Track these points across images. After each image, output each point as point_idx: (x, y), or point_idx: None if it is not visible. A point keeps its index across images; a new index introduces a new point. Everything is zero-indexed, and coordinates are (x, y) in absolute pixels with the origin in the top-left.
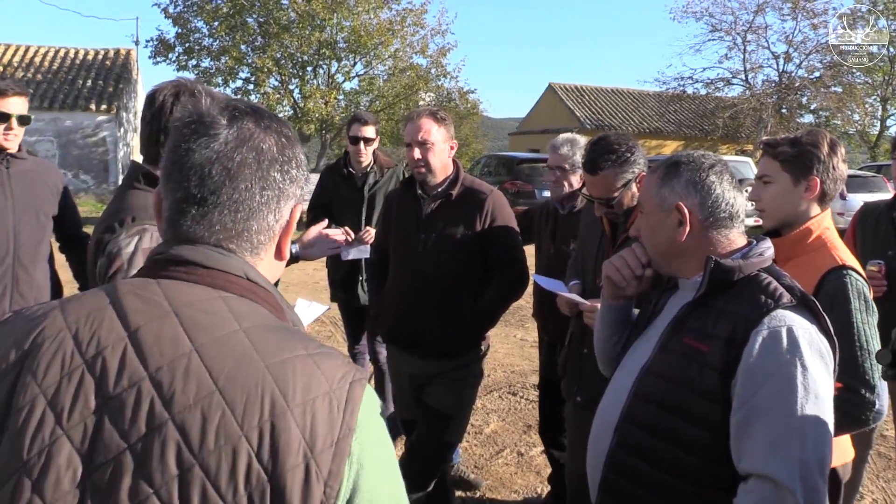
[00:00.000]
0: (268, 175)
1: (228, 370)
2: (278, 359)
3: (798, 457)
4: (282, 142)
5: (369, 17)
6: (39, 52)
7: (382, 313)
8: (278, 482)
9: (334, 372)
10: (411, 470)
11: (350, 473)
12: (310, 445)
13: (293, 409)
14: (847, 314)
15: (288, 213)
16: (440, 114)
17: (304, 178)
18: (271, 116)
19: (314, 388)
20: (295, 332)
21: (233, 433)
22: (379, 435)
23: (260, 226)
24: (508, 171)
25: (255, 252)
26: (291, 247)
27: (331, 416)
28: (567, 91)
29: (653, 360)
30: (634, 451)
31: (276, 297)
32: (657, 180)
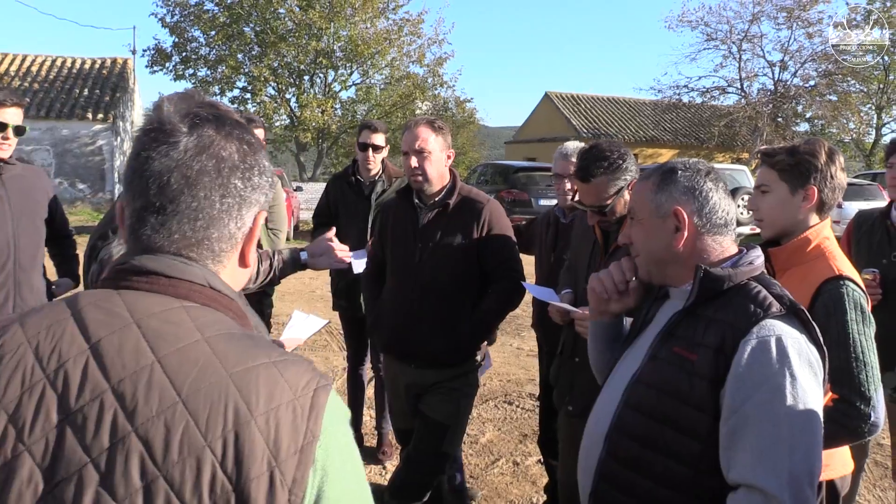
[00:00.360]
0: (228, 183)
1: (191, 381)
2: (241, 367)
3: (787, 467)
4: (244, 149)
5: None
6: (36, 61)
7: (379, 323)
8: (243, 491)
9: (298, 379)
10: (407, 480)
11: (314, 480)
12: (274, 454)
13: (256, 418)
14: (843, 325)
15: (251, 220)
16: (437, 123)
17: (267, 185)
18: (234, 123)
19: (277, 396)
20: (259, 340)
21: (196, 443)
22: (344, 441)
23: (221, 234)
24: (504, 179)
25: (217, 260)
26: (300, 254)
27: (294, 423)
28: (563, 100)
29: (642, 370)
30: (624, 460)
31: (239, 304)
32: (652, 186)
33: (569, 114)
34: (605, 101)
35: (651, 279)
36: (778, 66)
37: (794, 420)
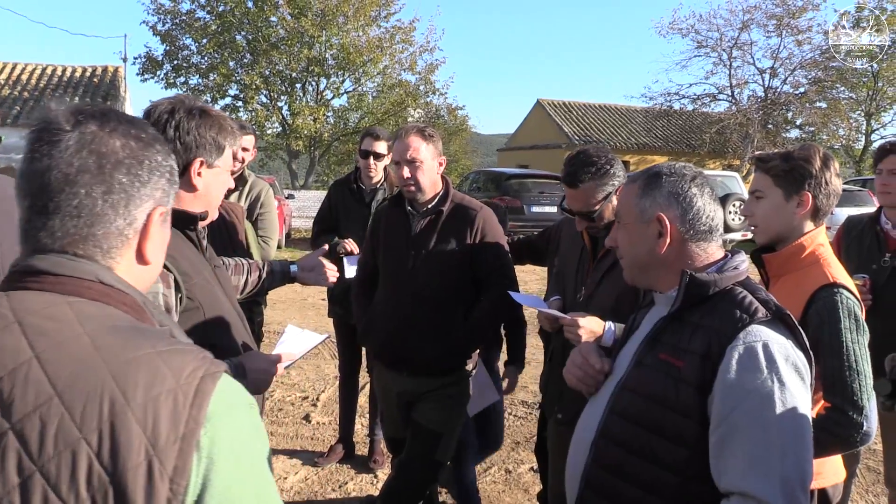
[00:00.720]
0: (111, 179)
1: (68, 375)
2: (122, 359)
3: (779, 473)
4: (130, 144)
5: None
6: (27, 69)
7: (371, 330)
8: (120, 482)
9: (183, 367)
10: (399, 489)
11: (199, 468)
12: (152, 442)
13: (133, 408)
14: (837, 333)
15: (143, 216)
16: (428, 131)
17: (164, 180)
18: (121, 118)
19: (158, 384)
20: (146, 332)
21: (71, 437)
22: (238, 428)
23: (107, 230)
24: (496, 186)
25: (108, 256)
26: (290, 267)
27: (175, 411)
28: (555, 107)
29: (628, 376)
30: (610, 468)
31: (135, 298)
32: (637, 191)
33: (560, 121)
34: (596, 109)
35: (636, 283)
36: (768, 74)
37: (784, 426)
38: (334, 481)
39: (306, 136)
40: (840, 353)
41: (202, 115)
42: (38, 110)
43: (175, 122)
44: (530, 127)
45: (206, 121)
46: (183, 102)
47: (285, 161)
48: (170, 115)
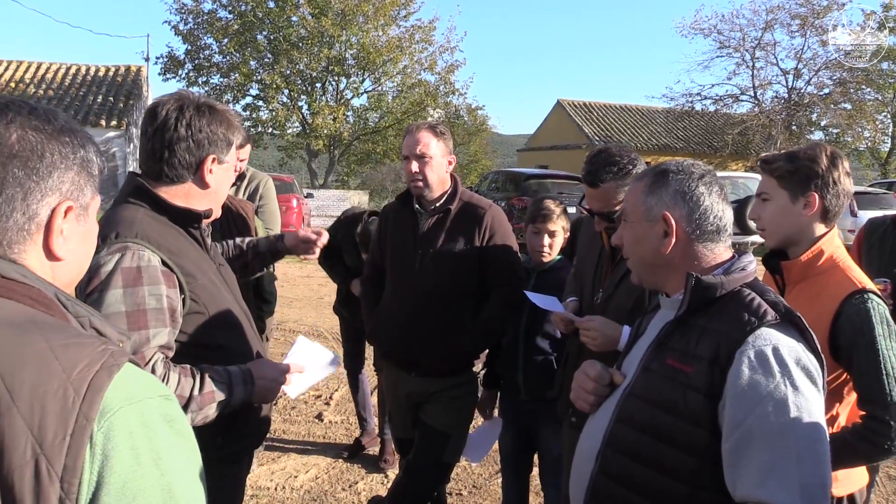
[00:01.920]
0: (5, 172)
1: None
2: (10, 354)
3: (798, 480)
4: (28, 136)
5: (378, 34)
6: (51, 68)
7: (378, 331)
8: (5, 483)
9: (76, 362)
10: (407, 490)
11: (92, 466)
12: (38, 441)
13: (20, 405)
14: (872, 341)
15: (45, 211)
16: (439, 128)
17: (72, 173)
18: (21, 109)
19: (46, 381)
20: (45, 325)
21: None
22: (140, 422)
23: (4, 225)
24: (516, 186)
25: (10, 251)
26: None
27: (64, 407)
28: (575, 107)
29: (635, 383)
30: (617, 478)
31: (44, 291)
32: (644, 188)
33: (581, 121)
34: (617, 109)
35: (643, 283)
36: (792, 74)
37: (799, 431)
38: (344, 480)
39: (326, 135)
40: (877, 361)
41: (212, 111)
42: None
43: (186, 120)
44: (550, 127)
45: (216, 117)
46: (189, 99)
47: (305, 160)
48: (179, 112)
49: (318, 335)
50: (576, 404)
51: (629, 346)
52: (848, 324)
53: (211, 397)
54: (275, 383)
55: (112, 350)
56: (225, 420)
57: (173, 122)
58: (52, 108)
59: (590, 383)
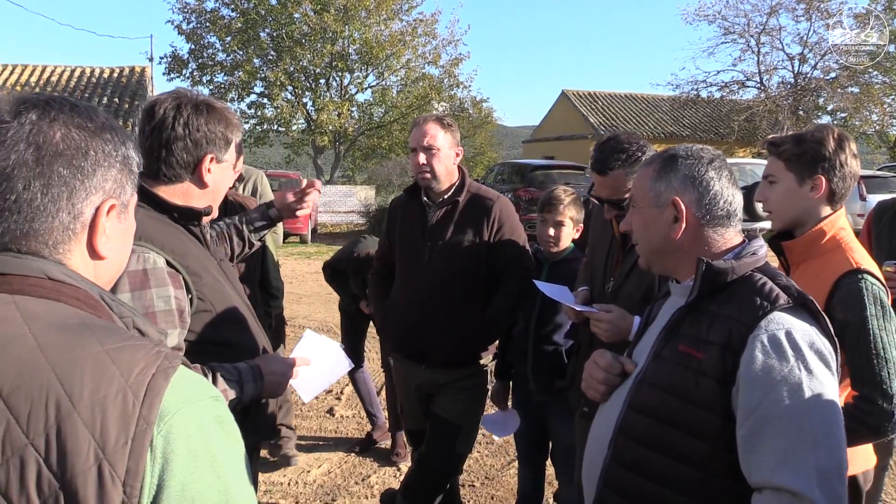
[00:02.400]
0: (50, 171)
1: (12, 378)
2: (67, 358)
3: (814, 465)
4: (72, 134)
5: (381, 29)
6: (56, 71)
7: (388, 323)
8: (69, 488)
9: (132, 365)
10: (420, 483)
11: (153, 470)
12: (101, 446)
13: (80, 410)
14: (863, 321)
15: (90, 210)
16: (446, 120)
17: (114, 171)
18: (63, 106)
19: (105, 385)
20: (97, 328)
21: (19, 442)
22: (196, 424)
23: (50, 225)
24: (522, 178)
25: (55, 251)
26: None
27: (124, 412)
28: (580, 97)
29: (646, 370)
30: (630, 465)
31: (90, 292)
32: (652, 173)
33: (586, 111)
34: (622, 98)
35: (653, 270)
36: (798, 59)
37: (814, 415)
38: (357, 474)
39: (331, 131)
40: (867, 341)
41: (209, 109)
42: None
43: (184, 118)
44: (556, 118)
45: (213, 115)
46: (187, 97)
47: (311, 157)
48: (177, 111)
49: (327, 330)
50: (587, 394)
51: (640, 334)
52: (840, 303)
53: (224, 396)
54: (283, 377)
55: (165, 352)
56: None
57: (171, 121)
58: (92, 105)
59: (601, 373)
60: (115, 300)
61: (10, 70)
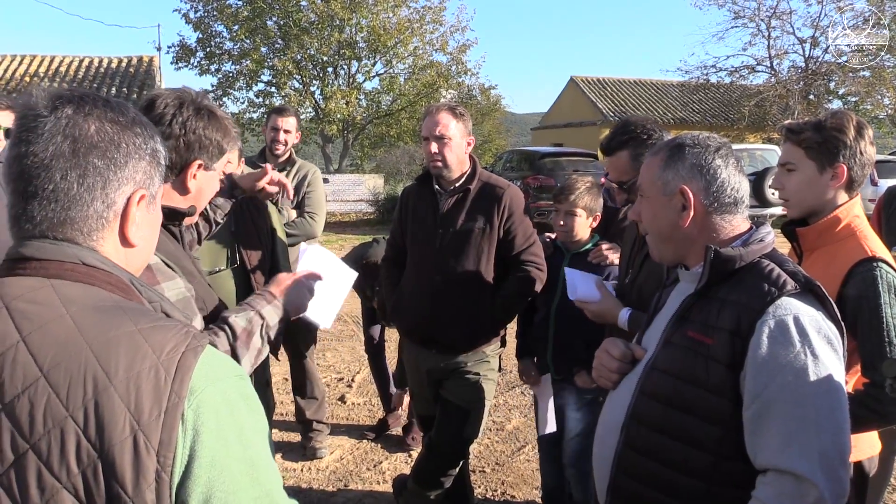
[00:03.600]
0: (86, 162)
1: (53, 355)
2: (103, 338)
3: (817, 448)
4: (105, 127)
5: (388, 16)
6: (64, 61)
7: (400, 309)
8: (107, 457)
9: (164, 343)
10: (429, 466)
11: (185, 441)
12: (136, 417)
13: (116, 385)
14: (876, 308)
15: (122, 199)
16: (459, 109)
17: (144, 163)
18: (97, 101)
19: (139, 361)
20: (130, 310)
21: (59, 415)
22: (223, 400)
23: (85, 213)
24: (530, 165)
25: (89, 238)
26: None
27: (157, 386)
28: (589, 84)
29: (657, 356)
30: (643, 450)
31: (121, 277)
32: (660, 163)
33: (595, 98)
34: (631, 84)
35: (662, 259)
36: (809, 43)
37: (819, 400)
38: (369, 461)
39: (339, 119)
40: (880, 328)
41: (210, 116)
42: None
43: (182, 118)
44: (564, 105)
45: (213, 123)
46: (191, 98)
47: (319, 145)
48: (177, 109)
49: (337, 319)
50: (598, 382)
51: (649, 321)
52: (854, 291)
53: (247, 334)
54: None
55: (194, 332)
56: None
57: (168, 118)
58: (122, 101)
59: (613, 362)
60: (145, 285)
61: (19, 61)
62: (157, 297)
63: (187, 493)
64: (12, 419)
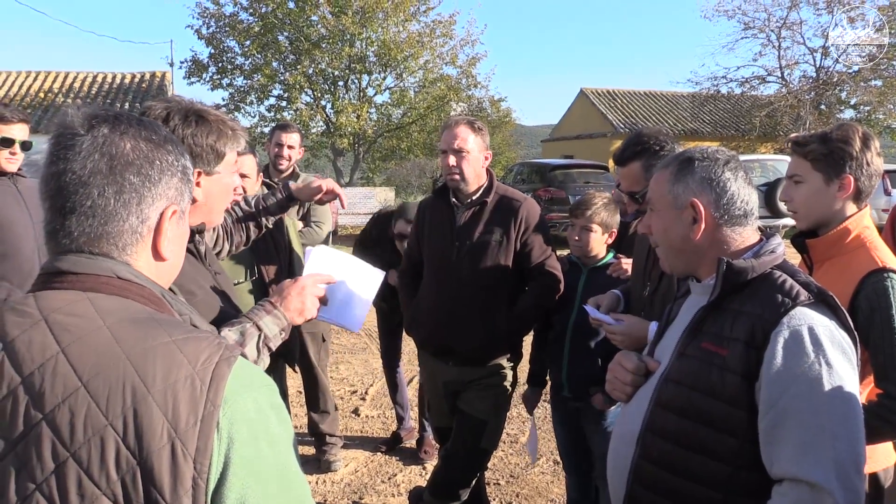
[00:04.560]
0: (122, 179)
1: (92, 366)
2: (140, 348)
3: (832, 457)
4: (140, 146)
5: (398, 31)
6: (79, 77)
7: (417, 321)
8: (146, 464)
9: (198, 354)
10: (447, 479)
11: (220, 448)
12: (173, 425)
13: (154, 394)
14: (888, 319)
15: (155, 214)
16: (477, 123)
17: (176, 179)
18: (131, 121)
19: (175, 371)
20: (164, 322)
21: (99, 423)
22: (255, 409)
23: (120, 228)
24: (541, 177)
25: (124, 253)
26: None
27: (193, 395)
28: (599, 95)
29: (671, 368)
30: (659, 461)
31: (153, 291)
32: (669, 176)
33: (605, 109)
34: (641, 96)
35: (673, 271)
36: (819, 53)
37: (834, 409)
38: (384, 473)
39: (350, 133)
40: (892, 339)
41: (199, 121)
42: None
43: (169, 128)
44: (575, 116)
45: (202, 128)
46: (178, 106)
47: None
48: (164, 121)
49: (350, 332)
50: (612, 395)
51: (660, 333)
52: (865, 302)
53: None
54: (299, 294)
55: (226, 344)
56: None
57: None
58: (154, 121)
59: (627, 375)
60: (175, 299)
61: (34, 77)
62: (187, 310)
63: (222, 498)
64: (53, 428)
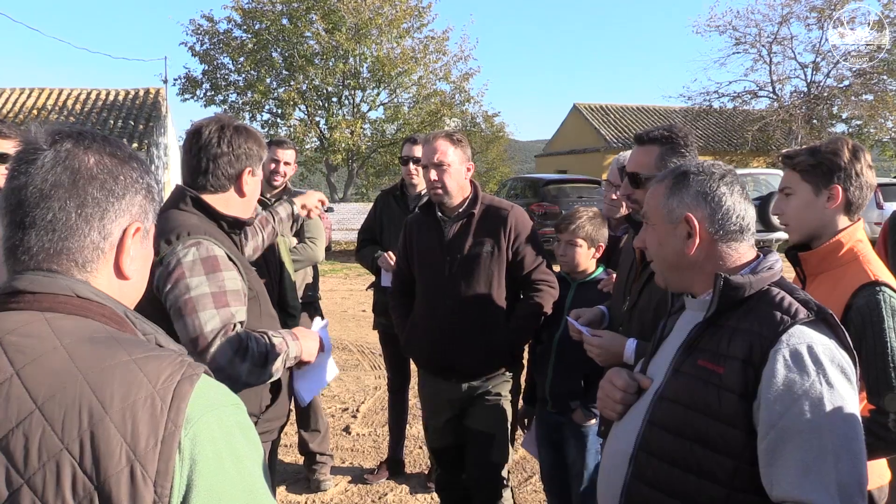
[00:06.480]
0: (84, 193)
1: (47, 388)
2: (98, 368)
3: (835, 479)
4: (104, 160)
5: (392, 47)
6: (72, 94)
7: (413, 341)
8: (104, 489)
9: (159, 373)
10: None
11: (182, 470)
12: (132, 448)
13: (112, 415)
14: (880, 333)
15: (118, 231)
16: (456, 135)
17: (140, 196)
18: (95, 137)
19: (134, 391)
20: (124, 341)
21: (54, 448)
22: (220, 428)
23: (81, 243)
24: (534, 192)
25: (84, 270)
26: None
27: (153, 416)
28: (592, 111)
29: (666, 386)
30: (653, 482)
31: (114, 309)
32: (665, 191)
33: (598, 125)
34: (634, 111)
35: (668, 286)
36: (810, 68)
37: (835, 429)
38: (374, 493)
39: (344, 149)
40: (884, 354)
41: (247, 131)
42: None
43: (227, 138)
44: (568, 132)
45: (250, 136)
46: (227, 120)
47: (324, 174)
48: (220, 132)
49: (342, 348)
50: (603, 413)
51: (654, 350)
52: (857, 315)
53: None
54: (312, 341)
55: (189, 361)
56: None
57: (216, 140)
58: (117, 138)
59: (618, 393)
60: (139, 318)
61: (28, 94)
62: (152, 329)
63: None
64: (7, 454)
